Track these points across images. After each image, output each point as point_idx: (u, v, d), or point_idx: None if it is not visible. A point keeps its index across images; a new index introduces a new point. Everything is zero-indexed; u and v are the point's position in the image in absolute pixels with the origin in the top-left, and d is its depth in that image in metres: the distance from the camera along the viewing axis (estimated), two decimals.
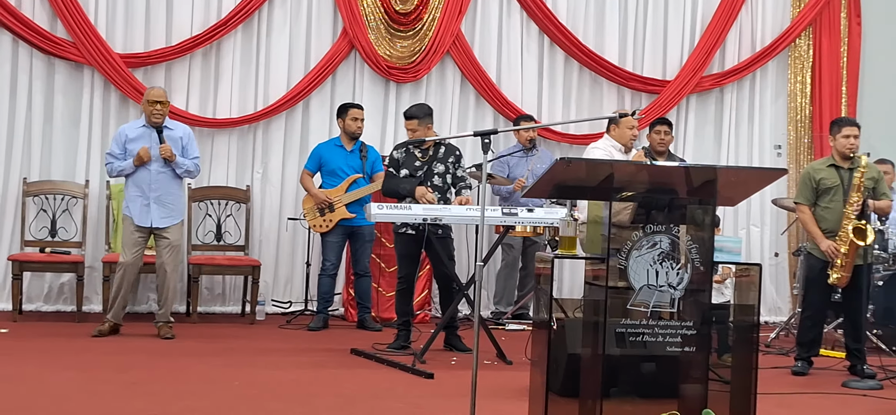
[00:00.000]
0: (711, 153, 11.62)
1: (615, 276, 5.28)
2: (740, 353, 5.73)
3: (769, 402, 6.95)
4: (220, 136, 10.40)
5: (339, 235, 9.75)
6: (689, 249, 5.33)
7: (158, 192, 8.79)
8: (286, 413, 6.36)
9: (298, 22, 10.56)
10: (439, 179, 8.59)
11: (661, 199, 5.36)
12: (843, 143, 8.41)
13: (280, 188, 10.53)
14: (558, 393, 5.59)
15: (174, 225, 8.89)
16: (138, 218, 8.77)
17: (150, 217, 8.78)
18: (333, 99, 10.57)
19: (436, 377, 7.55)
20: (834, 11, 11.84)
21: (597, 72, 11.30)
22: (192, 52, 10.26)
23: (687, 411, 5.39)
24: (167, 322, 8.93)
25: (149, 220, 8.78)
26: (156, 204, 8.78)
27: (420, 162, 8.61)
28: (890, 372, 8.23)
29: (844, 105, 11.78)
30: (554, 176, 5.45)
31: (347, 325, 10.09)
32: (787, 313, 11.30)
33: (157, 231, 8.84)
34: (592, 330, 5.39)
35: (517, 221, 8.25)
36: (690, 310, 5.36)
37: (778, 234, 11.66)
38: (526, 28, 11.17)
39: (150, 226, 8.81)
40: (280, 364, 7.93)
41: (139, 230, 8.81)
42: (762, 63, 11.73)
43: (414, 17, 10.73)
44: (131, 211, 8.79)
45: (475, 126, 10.84)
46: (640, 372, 5.44)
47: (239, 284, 10.42)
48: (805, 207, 8.53)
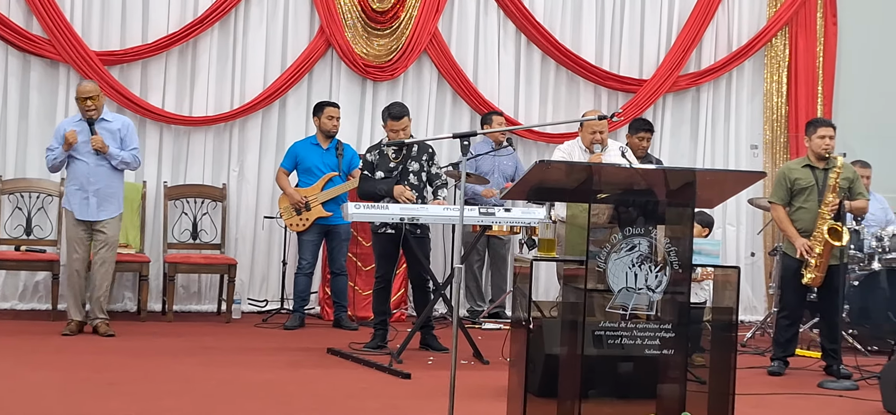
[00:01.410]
0: (688, 153, 11.65)
1: (594, 278, 5.27)
2: (718, 354, 5.74)
3: (746, 402, 6.96)
4: (197, 134, 10.36)
5: (315, 233, 9.72)
6: (668, 251, 5.33)
7: (98, 185, 8.73)
8: (262, 413, 6.33)
9: (275, 20, 10.53)
10: (414, 177, 8.57)
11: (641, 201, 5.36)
12: (818, 143, 8.43)
13: (256, 187, 10.50)
14: (536, 394, 5.58)
15: (112, 219, 8.83)
16: (79, 212, 8.73)
17: (90, 211, 8.73)
18: (310, 97, 10.55)
19: (413, 377, 7.54)
20: (810, 11, 11.88)
21: (574, 71, 11.31)
22: (168, 50, 10.21)
23: (665, 412, 5.40)
24: (104, 320, 8.86)
25: (88, 213, 8.74)
26: (95, 197, 8.73)
27: (394, 162, 8.59)
28: (865, 372, 8.25)
29: (820, 105, 11.82)
30: (533, 178, 5.44)
31: (324, 324, 10.07)
32: (762, 312, 11.33)
33: (95, 226, 8.78)
34: (571, 331, 5.38)
35: (495, 221, 8.24)
36: (669, 312, 5.37)
37: (754, 234, 11.70)
38: (503, 27, 11.17)
39: (90, 219, 8.75)
40: (256, 364, 7.90)
41: (81, 225, 8.76)
42: (738, 62, 11.76)
43: (391, 15, 10.71)
44: (72, 205, 8.75)
45: (452, 125, 10.84)
46: (618, 373, 5.44)
47: (215, 283, 10.38)
48: (779, 207, 8.56)
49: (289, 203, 9.68)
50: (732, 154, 11.78)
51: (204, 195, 10.29)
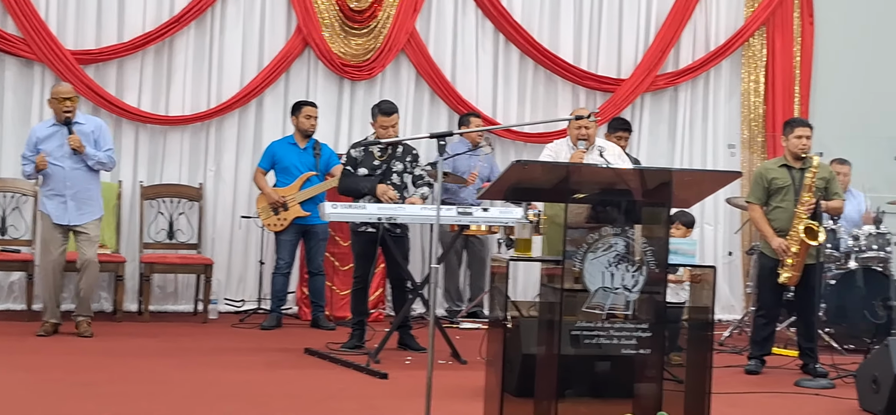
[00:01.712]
0: (665, 152, 11.66)
1: (571, 278, 5.27)
2: (695, 353, 5.75)
3: (723, 401, 6.97)
4: (173, 133, 10.32)
5: (293, 233, 9.69)
6: (645, 251, 5.33)
7: (75, 189, 8.68)
8: (239, 414, 6.30)
9: (252, 19, 10.49)
10: (397, 177, 8.56)
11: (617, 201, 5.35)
12: (795, 143, 8.46)
13: (233, 186, 10.46)
14: (513, 393, 5.59)
15: (93, 221, 8.79)
16: (56, 216, 8.68)
17: (68, 215, 8.68)
18: (287, 97, 10.51)
19: (390, 377, 7.53)
20: (787, 11, 11.91)
21: (552, 70, 11.30)
22: (144, 49, 10.16)
23: (642, 411, 5.40)
24: (87, 318, 8.82)
25: (67, 218, 8.69)
26: (73, 201, 8.68)
27: (379, 161, 8.57)
28: (842, 371, 8.29)
29: (797, 105, 11.85)
30: (510, 177, 5.44)
31: (301, 324, 10.03)
32: (740, 311, 11.34)
33: (76, 229, 8.73)
34: (547, 331, 5.38)
35: (472, 221, 8.22)
36: (646, 312, 5.37)
37: (731, 233, 11.71)
38: (481, 26, 11.15)
39: (68, 224, 8.70)
40: (233, 364, 7.88)
41: (58, 229, 8.72)
42: (716, 62, 11.77)
43: (369, 14, 10.68)
44: (48, 209, 8.69)
45: (430, 124, 10.82)
46: (595, 373, 5.43)
47: (191, 283, 10.33)
48: (756, 206, 8.59)
49: (266, 203, 9.65)
50: (710, 154, 11.79)
51: (180, 195, 10.25)
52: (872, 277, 9.86)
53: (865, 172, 11.07)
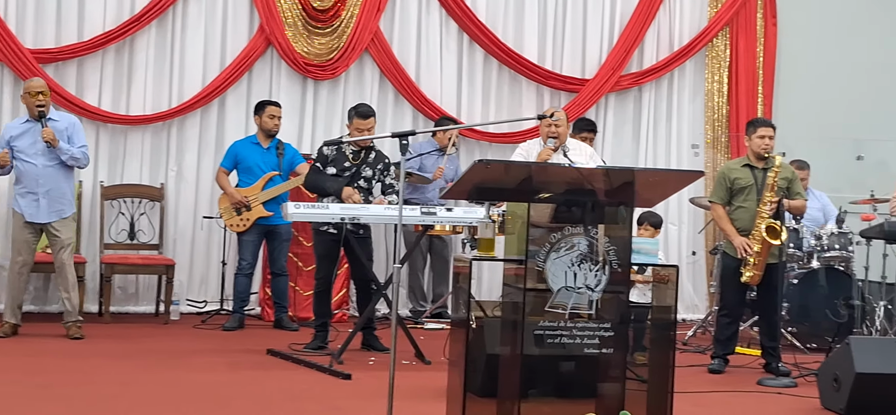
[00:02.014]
0: (630, 152, 11.67)
1: (533, 277, 5.25)
2: (657, 352, 5.75)
3: (685, 400, 6.98)
4: (134, 133, 10.23)
5: (255, 234, 9.64)
6: (607, 250, 5.31)
7: (47, 186, 8.60)
8: None
9: (214, 18, 10.42)
10: (365, 182, 8.52)
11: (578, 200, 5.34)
12: (758, 143, 8.49)
13: (195, 186, 10.39)
14: (477, 393, 5.57)
15: (64, 220, 8.71)
16: (28, 214, 8.59)
17: (40, 213, 8.60)
18: (250, 96, 10.45)
19: (353, 378, 7.49)
20: (750, 12, 11.95)
21: (516, 70, 11.29)
22: (104, 48, 10.07)
23: (605, 410, 5.39)
24: (76, 322, 8.75)
25: (39, 216, 8.61)
26: (45, 199, 8.60)
27: (350, 163, 8.52)
28: (804, 370, 8.31)
29: (760, 105, 11.89)
30: (472, 177, 5.41)
31: (264, 325, 9.98)
32: (704, 311, 11.38)
33: (48, 228, 8.65)
34: (511, 330, 5.36)
35: (436, 221, 8.20)
36: (608, 311, 5.36)
37: (695, 232, 11.75)
38: (445, 26, 11.13)
39: (40, 222, 8.62)
40: (195, 365, 7.82)
41: (29, 227, 8.64)
42: (680, 62, 11.80)
43: (332, 13, 10.63)
44: (21, 207, 8.61)
45: (394, 124, 10.78)
46: (558, 372, 5.42)
47: (153, 284, 10.26)
48: (719, 206, 8.62)
49: (229, 203, 9.59)
50: (674, 154, 11.82)
51: (141, 195, 10.17)
52: (835, 276, 9.91)
53: (828, 172, 11.14)
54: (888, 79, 12.28)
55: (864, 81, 12.20)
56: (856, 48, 12.26)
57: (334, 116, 10.71)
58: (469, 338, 5.50)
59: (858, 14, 12.34)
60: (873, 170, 11.75)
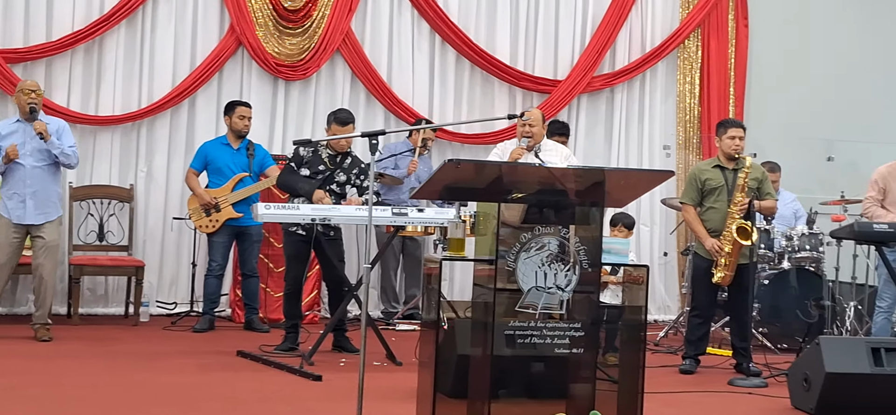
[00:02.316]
0: (602, 153, 11.68)
1: (504, 277, 5.23)
2: (628, 352, 5.74)
3: (656, 401, 6.99)
4: (103, 133, 10.17)
5: (225, 235, 9.59)
6: (578, 250, 5.30)
7: (34, 187, 8.54)
8: None
9: (184, 18, 10.37)
10: (338, 187, 8.49)
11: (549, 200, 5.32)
12: (728, 143, 8.50)
13: (165, 187, 10.33)
14: (448, 394, 5.54)
15: (50, 222, 8.65)
16: (15, 216, 8.52)
17: (27, 215, 8.54)
18: (220, 97, 10.40)
19: (324, 379, 7.45)
20: (722, 13, 11.99)
21: (488, 71, 11.28)
22: (73, 48, 10.01)
23: (575, 411, 5.38)
24: (44, 324, 8.69)
25: (25, 218, 8.54)
26: (32, 201, 8.54)
27: (325, 167, 8.48)
28: (775, 370, 8.33)
29: (732, 106, 11.93)
30: (443, 177, 5.39)
31: (234, 326, 9.93)
32: (675, 311, 11.40)
33: (34, 230, 8.59)
34: (481, 331, 5.34)
35: (407, 222, 8.18)
36: (579, 311, 5.34)
37: (667, 233, 11.78)
38: (417, 26, 11.11)
39: (26, 223, 8.56)
40: (164, 367, 7.76)
41: (15, 229, 8.56)
42: (652, 64, 11.83)
43: (303, 14, 10.59)
44: (8, 210, 8.54)
45: (366, 125, 10.74)
46: (528, 373, 5.40)
47: (122, 285, 10.19)
48: (690, 207, 8.63)
49: (198, 204, 9.54)
50: (646, 155, 11.84)
51: (111, 196, 10.11)
52: (805, 277, 9.95)
53: (799, 172, 11.18)
54: (858, 80, 12.37)
55: (834, 83, 12.28)
56: (826, 50, 12.33)
57: (305, 116, 10.67)
58: (439, 339, 5.48)
59: (829, 16, 12.41)
60: (844, 171, 11.82)
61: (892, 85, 12.46)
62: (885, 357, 6.98)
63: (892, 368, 6.96)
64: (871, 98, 12.37)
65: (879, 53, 12.52)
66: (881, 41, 12.55)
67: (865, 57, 12.44)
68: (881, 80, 12.47)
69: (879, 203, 8.97)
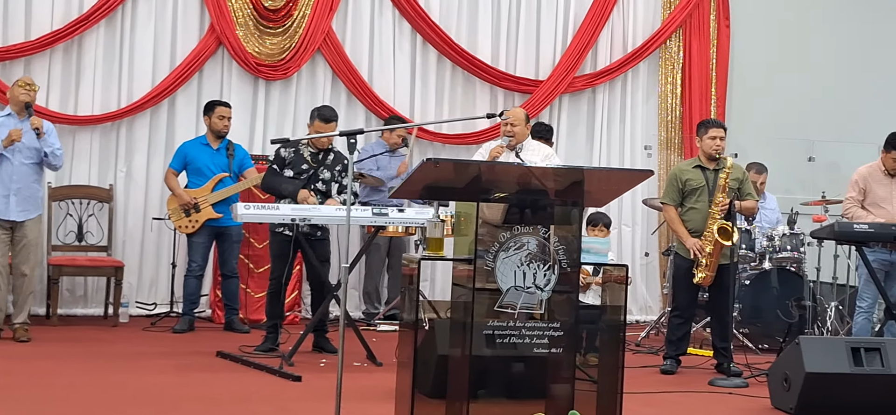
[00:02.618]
0: (584, 153, 11.68)
1: (483, 277, 5.21)
2: (608, 352, 5.72)
3: (636, 401, 6.98)
4: (82, 133, 10.11)
5: (205, 235, 9.55)
6: (557, 249, 5.28)
7: (19, 184, 8.51)
8: None
9: (164, 17, 10.32)
10: (324, 185, 8.47)
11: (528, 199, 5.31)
12: (709, 144, 8.50)
13: (145, 187, 10.28)
14: (428, 395, 5.52)
15: (32, 219, 8.61)
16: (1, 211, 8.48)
17: (10, 211, 8.49)
18: (200, 96, 10.35)
19: (304, 380, 7.44)
20: (703, 14, 12.00)
21: (470, 71, 11.26)
22: (52, 47, 9.94)
23: (555, 411, 5.36)
24: (23, 324, 8.63)
25: (8, 214, 8.49)
26: (16, 197, 8.51)
27: (308, 165, 8.46)
28: (756, 370, 8.34)
29: (714, 106, 11.94)
30: (422, 176, 5.37)
31: (214, 327, 9.89)
32: (657, 312, 11.40)
33: (15, 227, 8.54)
34: (461, 331, 5.32)
35: (387, 222, 8.17)
36: (558, 311, 5.33)
37: (649, 234, 11.78)
38: (398, 26, 11.08)
39: (9, 219, 8.51)
40: (143, 368, 7.72)
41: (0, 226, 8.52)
42: (633, 64, 11.82)
43: (284, 13, 10.55)
44: None
45: (347, 125, 10.68)
46: (508, 373, 5.39)
47: (101, 286, 10.13)
48: (671, 207, 8.63)
49: (177, 204, 9.49)
50: (628, 155, 11.84)
51: (90, 196, 10.05)
52: (786, 277, 9.95)
53: (780, 173, 11.19)
54: (839, 81, 12.41)
55: (815, 83, 12.31)
56: (807, 50, 12.37)
57: (286, 116, 10.64)
58: (419, 339, 5.45)
59: (810, 17, 12.44)
60: (824, 171, 11.85)
61: (872, 86, 12.50)
62: (865, 357, 6.99)
63: (871, 368, 6.98)
64: (852, 99, 12.41)
65: (860, 54, 12.55)
66: (861, 42, 12.58)
67: (846, 58, 12.48)
68: (861, 81, 12.50)
69: (860, 204, 8.99)
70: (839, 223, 8.48)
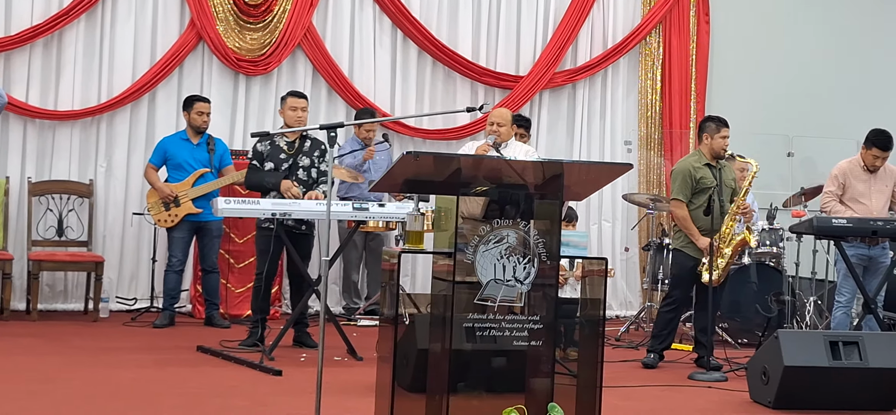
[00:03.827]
0: (564, 149, 11.70)
1: (463, 270, 5.22)
2: (587, 346, 5.74)
3: (615, 394, 7.01)
4: (62, 128, 10.09)
5: (185, 230, 9.54)
6: (537, 242, 5.30)
7: None
8: (127, 412, 6.15)
9: (144, 12, 10.30)
10: (304, 172, 8.47)
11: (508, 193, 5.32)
12: (720, 143, 8.43)
13: (125, 182, 10.27)
14: (408, 389, 5.53)
15: None
16: None
17: None
18: (181, 91, 10.34)
19: (284, 374, 7.44)
20: (683, 10, 12.03)
21: (450, 67, 11.27)
22: (32, 42, 9.93)
23: (534, 404, 5.37)
24: None
25: None
26: None
27: (286, 155, 8.47)
28: (735, 364, 8.37)
29: (693, 102, 11.97)
30: (402, 170, 5.38)
31: (195, 322, 9.87)
32: (637, 307, 11.43)
33: None
34: (440, 325, 5.33)
35: (368, 216, 8.17)
36: (537, 304, 5.34)
37: (628, 229, 11.80)
38: (379, 22, 11.08)
39: None
40: (123, 363, 7.71)
41: None
42: (614, 60, 11.85)
43: (264, 8, 10.54)
44: None
45: (327, 120, 10.71)
46: (487, 367, 5.39)
47: (81, 281, 10.11)
48: (683, 204, 8.48)
49: (157, 198, 9.47)
50: (608, 150, 11.86)
51: (70, 191, 10.03)
52: (765, 272, 9.98)
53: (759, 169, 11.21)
54: (818, 77, 12.46)
55: (794, 79, 12.36)
56: (786, 47, 12.42)
57: (266, 111, 10.63)
58: (399, 333, 5.46)
59: (789, 13, 12.49)
60: (803, 166, 11.90)
61: (850, 82, 12.56)
62: (843, 351, 7.04)
63: (849, 361, 7.02)
64: (830, 95, 12.46)
65: (838, 51, 12.61)
66: (840, 39, 12.63)
67: (824, 54, 12.53)
68: (840, 77, 12.56)
69: (838, 198, 9.03)
70: (818, 218, 8.51)
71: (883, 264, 8.96)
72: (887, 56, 12.75)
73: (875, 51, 12.71)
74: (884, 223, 8.48)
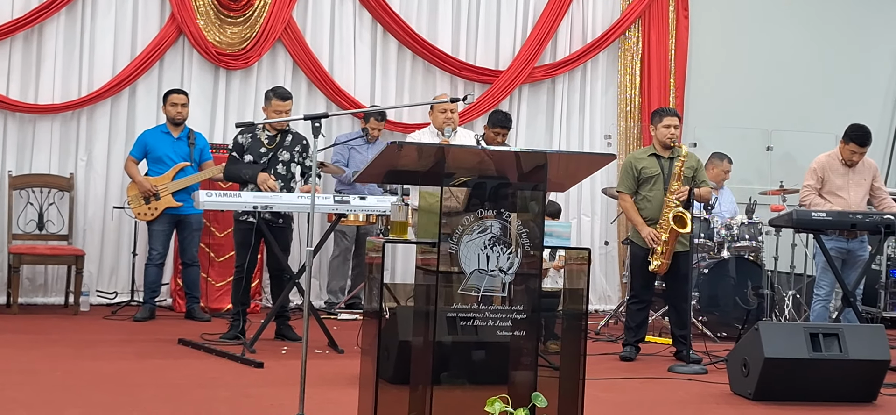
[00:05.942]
0: (543, 143, 11.72)
1: (446, 261, 5.23)
2: (569, 339, 5.76)
3: (597, 387, 7.04)
4: (43, 122, 10.06)
5: (165, 223, 9.52)
6: (520, 233, 5.32)
7: None
8: (109, 405, 6.15)
9: (124, 6, 10.28)
10: (283, 167, 8.47)
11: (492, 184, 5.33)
12: (664, 132, 8.58)
13: (105, 176, 10.24)
14: (390, 381, 5.53)
15: None
16: None
17: None
18: (161, 85, 10.31)
19: (265, 366, 7.44)
20: (662, 5, 12.07)
21: (430, 61, 11.28)
22: (12, 36, 9.88)
23: (516, 396, 5.38)
24: None
25: None
26: None
27: (266, 148, 8.47)
28: (715, 357, 8.42)
29: (672, 97, 12.01)
30: (386, 161, 5.39)
31: (175, 315, 9.86)
32: (616, 301, 11.47)
33: None
34: (423, 316, 5.34)
35: (349, 209, 8.16)
36: (521, 294, 5.35)
37: (608, 223, 11.84)
38: (359, 16, 11.08)
39: None
40: (104, 355, 7.70)
41: None
42: (593, 54, 11.87)
43: (244, 3, 10.53)
44: None
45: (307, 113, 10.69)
46: (470, 358, 5.40)
47: (62, 275, 10.09)
48: (627, 196, 8.71)
49: (137, 191, 9.46)
50: (587, 144, 11.87)
51: (50, 185, 10.00)
52: (745, 266, 10.04)
53: (738, 163, 11.28)
54: (796, 72, 12.53)
55: (773, 74, 12.43)
56: (765, 41, 12.48)
57: (247, 105, 10.62)
58: (382, 325, 5.47)
59: (768, 8, 12.54)
60: (782, 160, 11.96)
61: (829, 76, 12.64)
62: (824, 342, 7.09)
63: (830, 353, 7.07)
64: (809, 89, 12.53)
65: (817, 45, 12.68)
66: (818, 34, 12.70)
67: (803, 49, 12.60)
68: (818, 71, 12.63)
69: (817, 192, 9.08)
70: (797, 211, 8.56)
71: (861, 258, 9.02)
72: (865, 51, 12.83)
73: (853, 46, 12.79)
74: (862, 216, 8.55)
